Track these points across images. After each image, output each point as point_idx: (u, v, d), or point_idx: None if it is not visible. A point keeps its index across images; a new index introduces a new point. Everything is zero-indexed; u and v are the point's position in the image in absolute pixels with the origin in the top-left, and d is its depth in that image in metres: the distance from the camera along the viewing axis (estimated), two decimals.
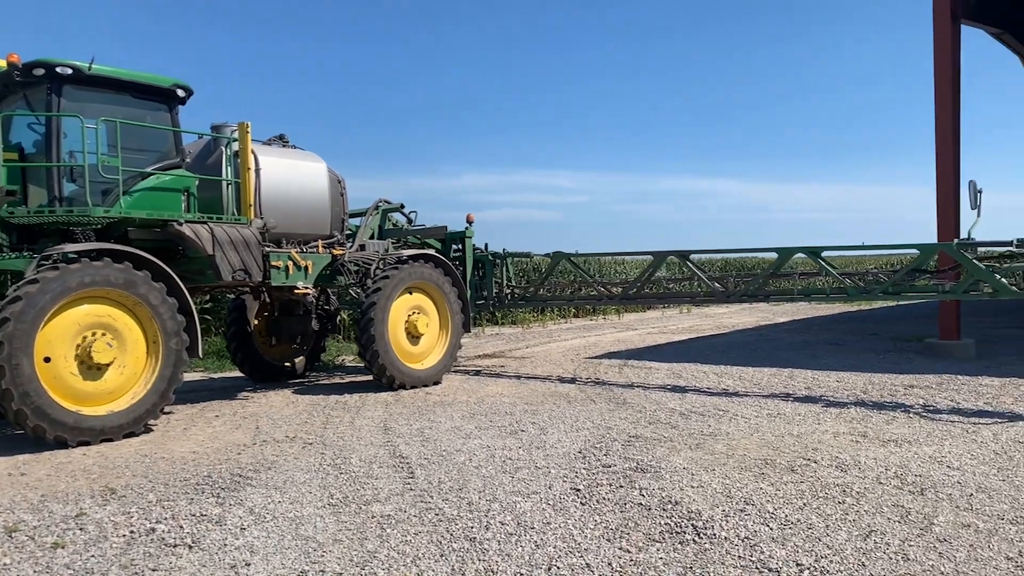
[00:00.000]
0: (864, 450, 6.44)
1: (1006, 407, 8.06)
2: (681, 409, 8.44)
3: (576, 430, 7.47)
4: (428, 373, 10.32)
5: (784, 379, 10.40)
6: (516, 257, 12.17)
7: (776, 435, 7.10)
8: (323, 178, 10.20)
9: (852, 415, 7.93)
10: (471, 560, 4.24)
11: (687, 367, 11.82)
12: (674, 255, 10.31)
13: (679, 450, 6.59)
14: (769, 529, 4.58)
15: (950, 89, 12.10)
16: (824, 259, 9.27)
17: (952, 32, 12.21)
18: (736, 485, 5.49)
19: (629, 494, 5.33)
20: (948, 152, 12.13)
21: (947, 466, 5.88)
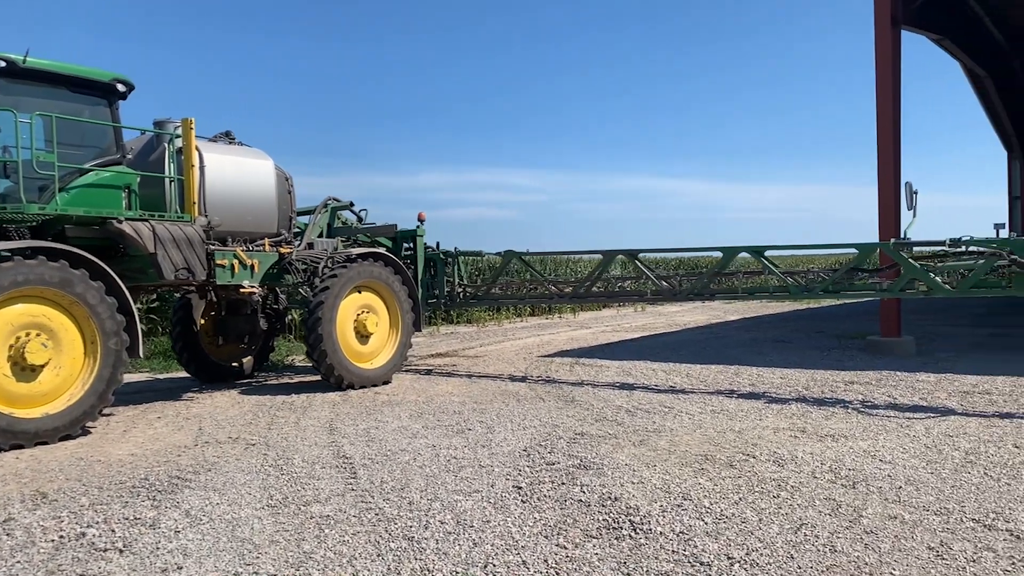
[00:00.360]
0: (802, 445, 6.58)
1: (939, 402, 8.31)
2: (628, 406, 8.53)
3: (523, 428, 7.49)
4: (378, 372, 10.26)
5: (730, 376, 10.58)
6: (468, 256, 12.17)
7: (718, 431, 7.22)
8: (270, 175, 10.06)
9: (793, 411, 8.10)
10: (408, 559, 4.23)
11: (637, 365, 11.95)
12: (623, 254, 10.41)
13: (623, 447, 6.65)
14: (704, 523, 4.66)
15: (890, 92, 12.43)
16: (767, 258, 9.45)
17: (892, 37, 12.54)
18: (676, 481, 5.57)
19: (570, 491, 5.37)
20: (888, 154, 12.45)
21: (880, 460, 6.05)
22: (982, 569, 3.90)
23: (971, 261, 8.16)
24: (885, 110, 12.46)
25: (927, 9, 14.19)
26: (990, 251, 7.90)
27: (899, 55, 12.78)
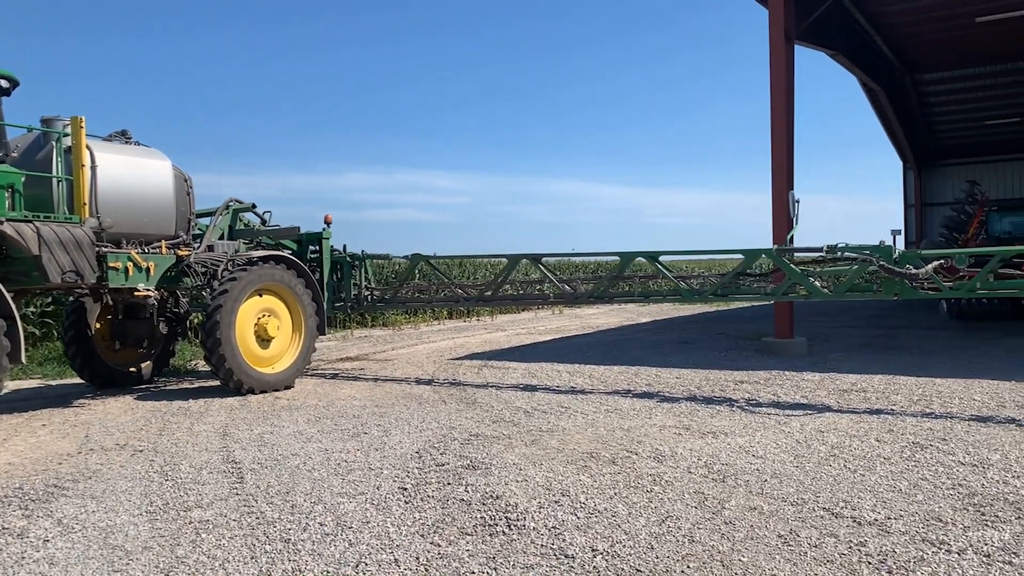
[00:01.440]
0: (684, 442, 6.88)
1: (819, 400, 8.79)
2: (527, 407, 8.71)
3: (420, 431, 7.58)
4: (279, 377, 10.16)
5: (630, 376, 10.91)
6: (375, 259, 12.16)
7: (608, 429, 7.47)
8: (167, 176, 9.85)
9: (681, 409, 8.43)
10: (281, 561, 4.27)
11: (543, 366, 12.18)
12: (527, 258, 10.61)
13: (515, 447, 6.82)
14: (576, 518, 4.85)
15: (783, 105, 13.04)
16: (661, 263, 9.80)
17: (786, 52, 13.16)
18: (558, 478, 5.75)
19: (455, 491, 5.49)
20: (782, 163, 13.07)
21: (752, 455, 6.38)
22: (822, 553, 4.20)
23: (846, 267, 8.67)
24: (779, 122, 13.06)
25: (819, 26, 14.94)
26: (861, 257, 8.42)
27: (792, 69, 13.43)
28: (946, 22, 17.44)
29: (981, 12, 16.51)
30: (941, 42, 19.38)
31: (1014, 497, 5.09)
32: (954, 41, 19.24)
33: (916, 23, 17.60)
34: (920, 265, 8.30)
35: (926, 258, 8.38)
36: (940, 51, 20.28)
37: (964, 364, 11.20)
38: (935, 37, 18.87)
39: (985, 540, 4.33)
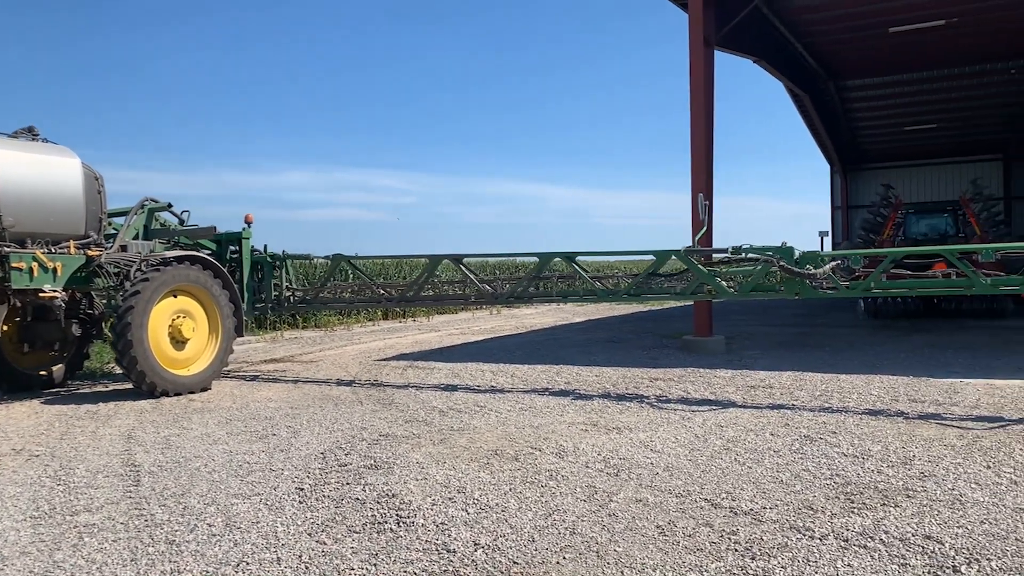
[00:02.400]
0: (588, 438, 7.04)
1: (726, 396, 9.07)
2: (443, 407, 8.78)
3: (330, 432, 7.57)
4: (195, 379, 10.01)
5: (551, 375, 11.06)
6: (295, 259, 12.07)
7: (518, 427, 7.59)
8: (76, 175, 9.62)
9: (593, 406, 8.61)
10: (162, 562, 4.25)
11: (468, 366, 12.25)
12: (448, 259, 10.68)
13: (422, 446, 6.88)
14: (467, 514, 4.94)
15: (703, 108, 13.39)
16: (578, 263, 9.98)
17: (705, 57, 13.52)
18: (458, 476, 5.84)
19: (352, 490, 5.53)
20: (701, 165, 13.41)
21: (650, 449, 6.57)
22: (694, 542, 4.38)
23: (751, 267, 8.98)
24: (698, 126, 13.41)
25: (740, 32, 15.38)
26: (764, 258, 8.74)
27: (712, 73, 13.80)
28: (861, 31, 18.13)
29: (893, 23, 17.22)
30: (859, 50, 20.13)
31: (884, 485, 5.37)
32: (871, 50, 20.01)
33: (833, 32, 18.24)
34: (819, 265, 8.65)
35: (824, 259, 8.74)
36: (859, 59, 21.06)
37: (870, 361, 11.68)
38: (852, 46, 19.60)
39: (847, 526, 4.57)
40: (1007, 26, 18.31)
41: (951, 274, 8.35)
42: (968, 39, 19.25)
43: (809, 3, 16.03)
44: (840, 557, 4.11)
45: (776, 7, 16.14)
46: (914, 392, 8.92)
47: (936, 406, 8.14)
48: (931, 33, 18.32)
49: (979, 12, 16.94)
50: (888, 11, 16.60)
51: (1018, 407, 7.96)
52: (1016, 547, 4.18)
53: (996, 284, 8.07)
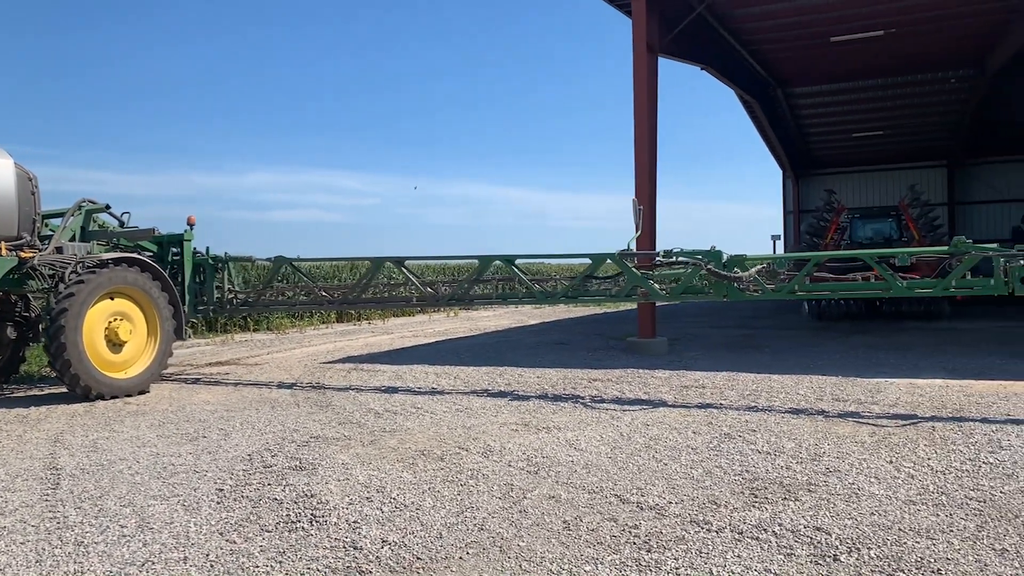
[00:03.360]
0: (517, 438, 7.16)
1: (659, 396, 9.27)
2: (379, 409, 8.84)
3: (261, 434, 7.60)
4: (132, 382, 9.93)
5: (494, 376, 11.18)
6: (238, 261, 12.02)
7: (450, 428, 7.68)
8: (8, 174, 9.50)
9: (529, 407, 8.74)
10: (67, 564, 4.27)
11: (413, 369, 12.32)
12: (391, 261, 10.74)
13: (351, 447, 6.94)
14: (381, 513, 5.03)
15: (646, 114, 13.63)
16: (517, 266, 10.12)
17: (648, 63, 13.76)
18: (380, 476, 5.92)
19: (272, 491, 5.58)
20: (644, 170, 13.65)
21: (574, 448, 6.71)
22: (595, 537, 4.52)
23: (682, 270, 9.20)
24: (641, 132, 13.64)
25: (685, 40, 15.68)
26: (693, 262, 8.97)
27: (655, 79, 14.05)
28: (804, 40, 18.59)
29: (835, 32, 17.69)
30: (804, 58, 20.62)
31: (789, 481, 5.58)
32: (816, 58, 20.51)
33: (777, 40, 18.67)
34: (746, 269, 8.90)
35: (750, 263, 8.98)
36: (805, 67, 21.57)
37: (805, 361, 12.00)
38: (797, 54, 20.07)
39: (745, 520, 4.75)
40: (944, 37, 18.92)
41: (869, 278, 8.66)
42: (908, 49, 19.83)
43: (751, 12, 16.40)
44: (731, 549, 4.29)
45: (720, 15, 16.48)
46: (839, 391, 9.21)
47: (857, 405, 8.42)
48: (872, 43, 18.85)
49: (916, 23, 17.48)
50: (829, 21, 17.05)
51: (933, 405, 8.27)
52: (897, 536, 4.40)
53: (911, 287, 8.39)
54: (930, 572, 3.90)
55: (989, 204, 31.24)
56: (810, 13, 16.55)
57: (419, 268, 28.47)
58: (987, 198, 31.25)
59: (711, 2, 15.03)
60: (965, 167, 31.40)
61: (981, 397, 8.62)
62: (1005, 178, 30.57)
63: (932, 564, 3.99)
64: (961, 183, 31.67)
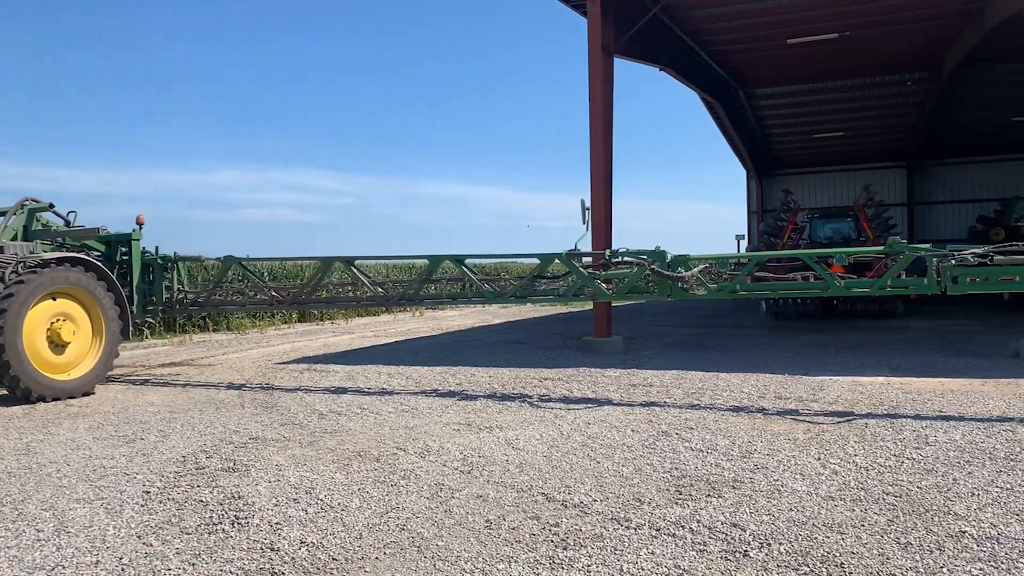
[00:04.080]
0: (457, 437, 7.17)
1: (606, 394, 9.33)
2: (325, 410, 8.79)
3: (200, 435, 7.53)
4: (76, 384, 9.78)
5: (446, 376, 11.17)
6: (187, 261, 11.89)
7: (392, 428, 7.67)
8: None
9: (475, 407, 8.75)
10: None
11: (367, 369, 12.27)
12: (340, 261, 10.69)
13: (289, 449, 6.90)
14: (305, 514, 5.01)
15: (601, 115, 13.71)
16: (467, 266, 10.14)
17: (604, 64, 13.84)
18: (312, 477, 5.90)
19: (200, 493, 5.53)
20: (600, 170, 13.73)
21: (512, 447, 6.74)
22: (515, 535, 4.55)
23: (627, 270, 9.28)
24: (596, 133, 13.72)
25: (642, 41, 15.80)
26: (637, 262, 9.04)
27: (611, 80, 14.13)
28: (762, 42, 18.81)
29: (791, 35, 17.92)
30: (763, 60, 20.86)
31: (716, 478, 5.65)
32: (775, 60, 20.76)
33: (735, 41, 18.87)
34: (689, 269, 9.00)
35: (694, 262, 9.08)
36: (765, 68, 21.82)
37: (755, 360, 12.14)
38: (756, 55, 20.29)
39: (665, 516, 4.81)
40: (899, 40, 19.25)
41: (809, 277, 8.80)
42: (865, 52, 20.15)
43: (707, 13, 16.56)
44: (646, 546, 4.34)
45: (676, 17, 16.62)
46: (783, 390, 9.33)
47: (798, 402, 8.55)
48: (830, 45, 19.11)
49: (870, 27, 17.77)
50: (784, 23, 17.27)
51: (871, 403, 8.42)
52: (809, 531, 4.48)
53: (849, 287, 8.54)
54: (834, 566, 3.98)
55: (947, 204, 31.86)
56: (765, 15, 16.74)
57: (369, 268, 28.37)
58: (945, 199, 31.87)
59: (666, 3, 15.15)
60: (924, 168, 32.00)
61: (919, 394, 8.79)
62: (961, 179, 31.21)
63: (837, 558, 4.07)
64: (920, 184, 32.27)
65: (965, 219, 29.92)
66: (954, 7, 16.41)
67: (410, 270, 30.39)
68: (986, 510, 4.75)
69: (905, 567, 3.93)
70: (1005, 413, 7.62)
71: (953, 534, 4.35)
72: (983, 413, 7.65)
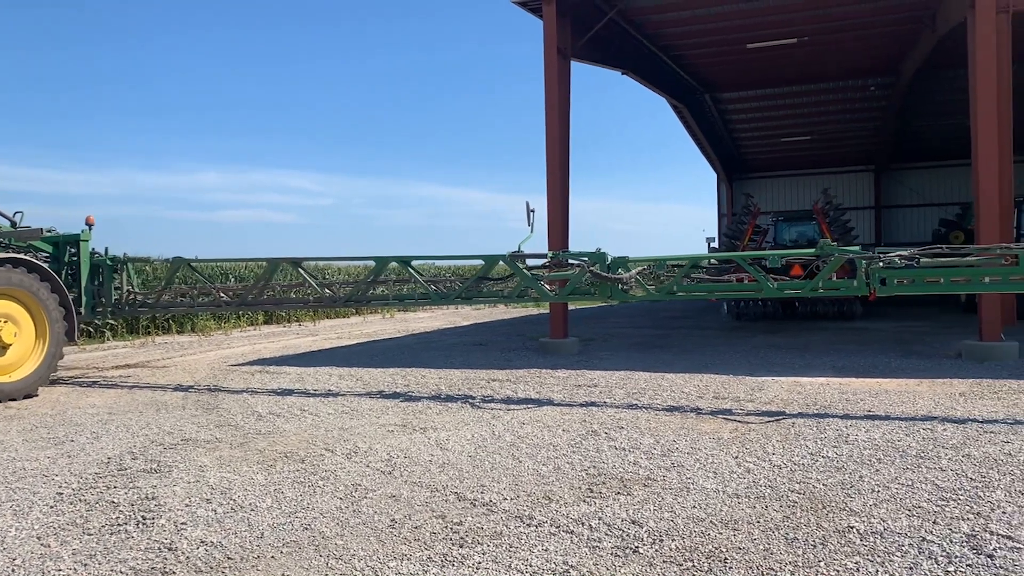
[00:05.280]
0: (389, 439, 7.19)
1: (549, 395, 9.39)
2: (265, 412, 8.78)
3: (133, 437, 7.50)
4: (16, 386, 9.70)
5: (396, 378, 11.18)
6: (136, 262, 11.83)
7: (327, 430, 7.68)
8: None
9: (417, 408, 8.78)
10: None
11: (319, 371, 12.26)
12: (287, 262, 10.69)
13: (219, 450, 6.90)
14: (213, 514, 5.02)
15: (557, 119, 13.78)
16: (414, 267, 10.17)
17: (560, 67, 13.91)
18: (232, 478, 5.90)
19: (115, 494, 5.52)
20: (556, 173, 13.81)
21: (441, 448, 6.77)
22: (416, 534, 4.59)
23: (571, 272, 9.36)
24: (553, 136, 13.79)
25: (600, 45, 15.90)
26: (578, 264, 9.12)
27: (567, 83, 14.21)
28: (723, 46, 18.98)
29: (750, 39, 18.10)
30: (726, 64, 21.05)
31: (630, 476, 5.72)
32: (738, 64, 20.95)
33: (697, 46, 19.03)
34: (628, 271, 9.08)
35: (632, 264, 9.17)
36: (729, 72, 22.02)
37: (705, 360, 12.26)
38: (719, 59, 20.47)
39: (569, 514, 4.86)
40: (859, 45, 19.50)
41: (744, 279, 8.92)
42: (826, 57, 20.40)
43: (665, 18, 16.69)
44: (543, 543, 4.39)
45: (635, 21, 16.73)
46: (723, 390, 9.44)
47: (734, 402, 8.65)
48: (791, 50, 19.32)
49: (828, 32, 18.00)
50: (743, 28, 17.44)
51: (805, 402, 8.53)
52: (704, 528, 4.55)
53: (782, 288, 8.66)
54: (718, 561, 4.05)
55: (913, 208, 32.29)
56: (724, 20, 16.91)
57: (338, 270, 28.26)
58: (911, 202, 32.30)
59: (623, 8, 15.26)
60: (891, 172, 32.42)
61: (854, 394, 8.92)
62: (927, 183, 31.65)
63: (723, 554, 4.14)
64: (888, 188, 32.68)
65: (931, 222, 30.30)
66: (908, 14, 16.66)
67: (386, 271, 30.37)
68: (881, 506, 4.84)
69: (785, 561, 4.01)
70: (930, 412, 7.75)
71: (841, 529, 4.44)
72: (910, 412, 7.79)
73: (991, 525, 4.43)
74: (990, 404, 8.09)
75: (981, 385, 9.26)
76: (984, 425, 7.11)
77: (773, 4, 16.00)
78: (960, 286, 7.89)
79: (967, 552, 4.04)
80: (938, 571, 3.82)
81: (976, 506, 4.79)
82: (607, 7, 14.79)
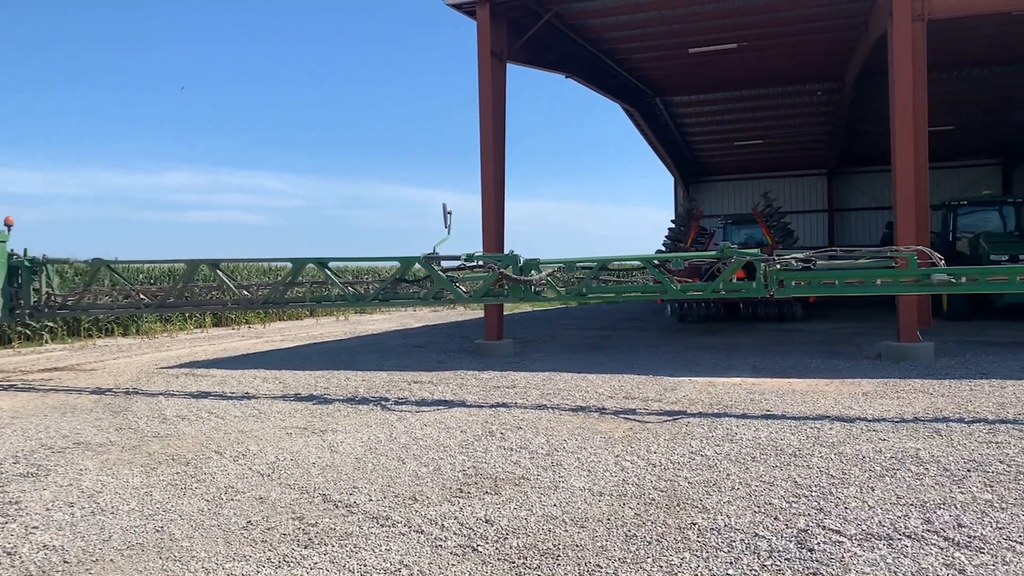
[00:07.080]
0: (285, 442, 7.16)
1: (463, 397, 9.40)
2: (171, 415, 8.71)
3: (25, 440, 7.40)
4: None
5: (321, 381, 11.12)
6: (56, 263, 11.66)
7: (226, 433, 7.63)
8: None
9: (326, 411, 8.74)
10: None
11: (246, 373, 12.17)
12: (205, 263, 10.60)
13: (107, 453, 6.83)
14: (71, 518, 4.98)
15: (491, 123, 13.81)
16: (330, 269, 10.14)
17: (494, 70, 13.94)
18: (107, 481, 5.85)
19: None
20: (490, 175, 13.83)
21: (332, 451, 6.76)
22: (264, 535, 4.59)
23: (484, 274, 9.38)
24: (487, 139, 13.82)
25: (538, 48, 15.95)
26: (489, 266, 9.16)
27: (501, 86, 14.25)
28: (666, 51, 19.14)
29: (691, 44, 18.27)
30: (673, 68, 21.22)
31: (505, 475, 5.75)
32: (684, 68, 21.13)
33: (640, 50, 19.15)
34: (539, 272, 9.14)
35: (543, 266, 9.23)
36: (676, 76, 22.19)
37: (636, 361, 12.34)
38: (664, 63, 20.63)
39: (426, 514, 4.89)
40: (801, 51, 19.75)
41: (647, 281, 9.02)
42: (770, 62, 20.62)
43: (604, 22, 16.79)
44: (388, 543, 4.41)
45: (573, 25, 16.80)
46: (636, 390, 9.52)
47: (642, 402, 8.72)
48: (735, 55, 19.52)
49: (767, 38, 18.22)
50: (684, 32, 17.60)
51: (710, 402, 8.63)
52: (554, 526, 4.59)
53: (685, 290, 8.76)
54: (551, 558, 4.10)
55: (864, 211, 32.82)
56: (663, 24, 17.05)
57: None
58: (862, 205, 32.84)
59: (560, 11, 15.34)
60: (842, 175, 32.94)
61: (761, 394, 9.04)
62: (877, 187, 32.15)
63: (558, 551, 4.19)
64: (840, 191, 33.19)
65: (880, 224, 30.84)
66: (843, 21, 16.92)
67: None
68: (734, 503, 4.92)
69: (615, 557, 4.07)
70: (826, 412, 7.89)
71: (683, 526, 4.51)
72: (806, 412, 7.91)
73: (827, 520, 4.53)
74: (886, 403, 8.25)
75: (887, 385, 9.43)
76: (870, 424, 7.24)
77: (710, 9, 16.16)
78: (854, 287, 8.03)
79: (791, 546, 4.13)
80: (755, 565, 3.89)
81: (823, 502, 4.89)
82: (542, 10, 14.85)
